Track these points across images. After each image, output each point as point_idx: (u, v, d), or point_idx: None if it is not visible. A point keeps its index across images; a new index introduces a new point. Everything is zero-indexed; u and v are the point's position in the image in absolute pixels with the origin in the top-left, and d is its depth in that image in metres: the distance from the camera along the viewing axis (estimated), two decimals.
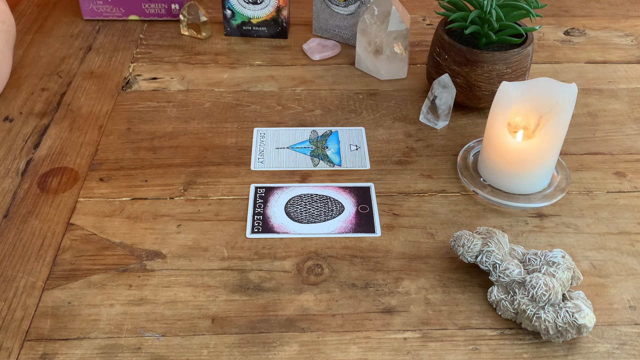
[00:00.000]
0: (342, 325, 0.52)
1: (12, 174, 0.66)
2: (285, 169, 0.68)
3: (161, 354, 0.50)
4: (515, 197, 0.63)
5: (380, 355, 0.50)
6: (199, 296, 0.54)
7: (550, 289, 0.50)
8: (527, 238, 0.60)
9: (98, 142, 0.71)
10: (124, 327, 0.52)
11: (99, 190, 0.65)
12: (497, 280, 0.53)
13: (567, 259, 0.53)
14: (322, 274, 0.57)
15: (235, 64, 0.84)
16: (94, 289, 0.55)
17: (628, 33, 0.94)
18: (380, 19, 0.77)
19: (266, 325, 0.52)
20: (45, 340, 0.51)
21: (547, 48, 0.90)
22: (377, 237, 0.60)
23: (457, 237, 0.56)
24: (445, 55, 0.72)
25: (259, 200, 0.64)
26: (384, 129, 0.74)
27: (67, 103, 0.76)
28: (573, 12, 0.99)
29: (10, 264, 0.57)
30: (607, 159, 0.70)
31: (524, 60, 0.71)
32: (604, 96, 0.80)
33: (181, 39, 0.89)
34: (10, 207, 0.62)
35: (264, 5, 0.87)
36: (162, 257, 0.58)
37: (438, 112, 0.72)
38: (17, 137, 0.71)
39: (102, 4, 0.91)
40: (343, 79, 0.82)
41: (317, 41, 0.87)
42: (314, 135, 0.72)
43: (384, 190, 0.65)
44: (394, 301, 0.54)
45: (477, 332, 0.52)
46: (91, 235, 0.60)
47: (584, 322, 0.49)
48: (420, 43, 0.90)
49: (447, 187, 0.66)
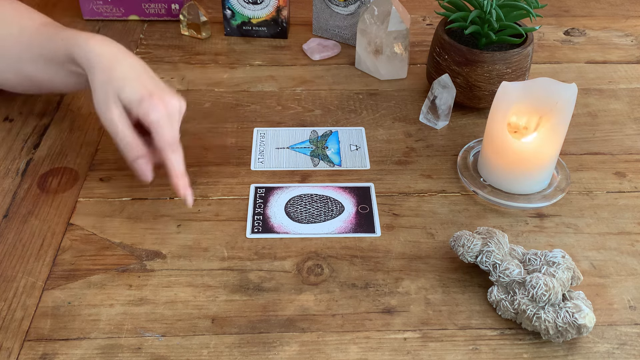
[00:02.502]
0: (342, 325, 0.52)
1: (12, 174, 0.66)
2: (285, 169, 0.68)
3: (161, 354, 0.50)
4: (515, 197, 0.63)
5: (380, 355, 0.50)
6: (199, 296, 0.54)
7: (550, 289, 0.50)
8: (527, 238, 0.60)
9: (98, 142, 0.71)
10: (124, 327, 0.52)
11: (99, 190, 0.65)
12: (497, 280, 0.53)
13: (567, 259, 0.53)
14: (322, 274, 0.57)
15: (235, 64, 0.84)
16: (94, 289, 0.55)
17: (628, 33, 0.94)
18: (380, 19, 0.77)
19: (266, 325, 0.52)
20: (45, 340, 0.51)
21: (547, 48, 0.90)
22: (377, 237, 0.60)
23: (457, 237, 0.56)
24: (445, 55, 0.72)
25: (259, 200, 0.64)
26: (384, 129, 0.74)
27: (67, 103, 0.76)
28: (573, 12, 0.99)
29: (10, 264, 0.57)
30: (607, 159, 0.70)
31: (524, 60, 0.71)
32: (604, 96, 0.80)
33: (181, 39, 0.89)
34: (10, 207, 0.62)
35: (264, 5, 0.87)
36: (162, 257, 0.58)
37: (438, 112, 0.72)
38: (17, 137, 0.71)
39: (102, 4, 0.91)
40: (343, 79, 0.82)
41: (317, 41, 0.87)
42: (314, 135, 0.72)
43: (384, 190, 0.65)
44: (394, 301, 0.54)
45: (477, 332, 0.52)
46: (91, 235, 0.60)
47: (584, 322, 0.49)
48: (420, 43, 0.90)
49: (447, 187, 0.66)
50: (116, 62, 0.59)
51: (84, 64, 0.59)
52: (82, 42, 0.60)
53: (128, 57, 0.60)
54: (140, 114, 0.57)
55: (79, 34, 0.62)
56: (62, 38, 0.62)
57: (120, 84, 0.57)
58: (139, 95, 0.57)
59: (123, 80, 0.58)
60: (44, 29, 0.64)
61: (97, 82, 0.58)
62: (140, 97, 0.57)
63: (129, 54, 0.61)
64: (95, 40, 0.60)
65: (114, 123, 0.58)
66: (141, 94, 0.57)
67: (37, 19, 0.66)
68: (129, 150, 0.58)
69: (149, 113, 0.57)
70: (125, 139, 0.58)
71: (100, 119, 0.59)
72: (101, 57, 0.59)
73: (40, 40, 0.63)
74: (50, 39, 0.63)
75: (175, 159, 0.59)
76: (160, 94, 0.58)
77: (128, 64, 0.59)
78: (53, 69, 0.63)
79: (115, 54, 0.60)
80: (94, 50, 0.59)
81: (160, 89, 0.59)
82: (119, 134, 0.58)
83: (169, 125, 0.58)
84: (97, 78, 0.58)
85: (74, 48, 0.60)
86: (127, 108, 0.58)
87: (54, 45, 0.62)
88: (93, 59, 0.59)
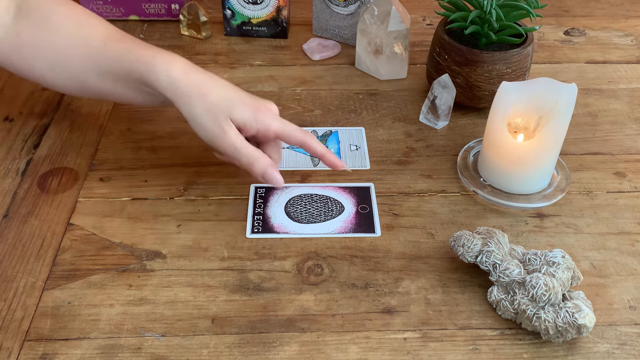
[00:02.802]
0: (342, 325, 0.52)
1: (12, 174, 0.66)
2: (285, 169, 0.68)
3: (161, 354, 0.50)
4: (515, 197, 0.63)
5: (380, 355, 0.50)
6: (199, 296, 0.54)
7: (550, 289, 0.50)
8: (527, 238, 0.60)
9: (98, 142, 0.71)
10: (124, 327, 0.52)
11: (99, 190, 0.65)
12: (497, 280, 0.53)
13: (567, 259, 0.53)
14: (322, 274, 0.57)
15: (235, 64, 0.84)
16: (94, 289, 0.55)
17: (628, 33, 0.94)
18: (380, 19, 0.77)
19: (266, 325, 0.52)
20: (45, 340, 0.51)
21: (547, 48, 0.90)
22: (377, 237, 0.60)
23: (457, 237, 0.56)
24: (445, 55, 0.72)
25: (259, 200, 0.64)
26: (384, 129, 0.74)
27: (67, 103, 0.76)
28: (573, 12, 0.99)
29: (10, 264, 0.57)
30: (607, 159, 0.70)
31: (524, 60, 0.71)
32: (604, 96, 0.80)
33: (181, 39, 0.89)
34: (10, 207, 0.62)
35: (264, 5, 0.87)
36: (162, 257, 0.58)
37: (438, 112, 0.72)
38: (17, 137, 0.71)
39: (102, 4, 0.91)
40: (343, 79, 0.82)
41: (317, 41, 0.87)
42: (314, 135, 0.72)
43: (384, 190, 0.65)
44: (394, 301, 0.54)
45: (477, 332, 0.52)
46: (91, 235, 0.60)
47: (584, 322, 0.49)
48: (420, 43, 0.90)
49: (447, 187, 0.66)
50: (208, 88, 0.58)
51: (169, 94, 0.58)
52: (163, 70, 0.58)
53: (215, 79, 0.60)
54: (261, 128, 0.59)
55: (153, 56, 0.59)
56: (135, 59, 0.59)
57: (226, 105, 0.58)
58: (250, 111, 0.58)
59: (226, 102, 0.58)
60: (112, 44, 0.61)
61: (198, 112, 0.58)
62: (251, 113, 0.58)
63: (212, 75, 0.60)
64: (178, 68, 0.59)
65: (235, 143, 0.58)
66: (251, 110, 0.58)
67: (99, 27, 0.63)
68: (257, 163, 0.59)
69: (270, 123, 0.59)
70: (250, 153, 0.58)
71: (215, 145, 0.59)
72: (191, 87, 0.58)
73: (108, 57, 0.61)
74: (121, 58, 0.60)
75: (317, 142, 0.61)
76: (260, 103, 0.60)
77: (220, 85, 0.59)
78: (122, 86, 0.62)
79: (201, 79, 0.59)
80: (180, 79, 0.58)
81: (256, 99, 0.60)
82: (242, 151, 0.58)
83: (287, 123, 0.60)
84: (196, 108, 0.58)
85: (151, 75, 0.59)
86: (240, 127, 0.58)
87: (126, 65, 0.60)
88: (182, 89, 0.58)
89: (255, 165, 0.58)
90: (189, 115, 0.58)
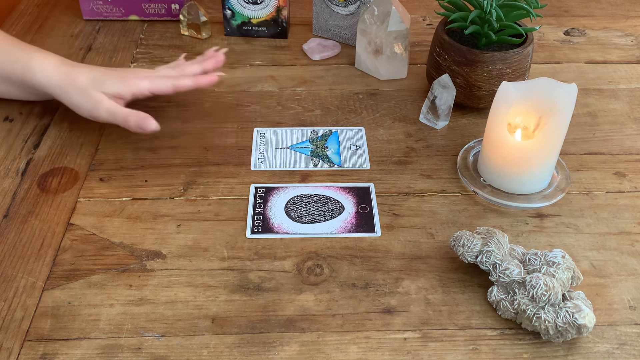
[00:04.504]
0: (342, 325, 0.53)
1: (12, 174, 0.66)
2: (285, 169, 0.68)
3: (161, 354, 0.50)
4: (515, 197, 0.63)
5: (380, 355, 0.50)
6: (199, 296, 0.54)
7: (550, 289, 0.50)
8: (527, 238, 0.60)
9: (98, 142, 0.71)
10: (124, 327, 0.52)
11: (99, 190, 0.65)
12: (497, 280, 0.53)
13: (567, 259, 0.53)
14: (322, 274, 0.57)
15: (235, 64, 0.84)
16: (94, 289, 0.55)
17: (628, 33, 0.94)
18: (380, 19, 0.77)
19: (266, 325, 0.52)
20: (45, 340, 0.51)
21: (547, 48, 0.90)
22: (377, 237, 0.60)
23: (457, 237, 0.56)
24: (445, 55, 0.72)
25: (259, 200, 0.64)
26: (384, 129, 0.74)
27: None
28: (573, 12, 1.00)
29: (10, 264, 0.57)
30: (607, 159, 0.70)
31: (524, 60, 0.71)
32: (604, 96, 0.80)
33: (181, 39, 0.89)
34: (10, 207, 0.62)
35: (264, 5, 0.87)
36: (162, 257, 0.58)
37: (438, 112, 0.72)
38: (17, 137, 0.71)
39: (102, 4, 0.91)
40: (343, 79, 0.82)
41: (317, 41, 0.87)
42: (314, 135, 0.72)
43: (384, 190, 0.65)
44: (394, 301, 0.54)
45: (477, 332, 0.52)
46: (91, 235, 0.60)
47: (584, 322, 0.49)
48: (420, 43, 0.90)
49: (447, 187, 0.66)
50: (76, 75, 0.66)
51: (48, 89, 0.67)
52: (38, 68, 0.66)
53: (82, 67, 0.67)
54: (135, 91, 0.66)
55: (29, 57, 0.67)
56: (14, 60, 0.67)
57: (94, 84, 0.65)
58: (118, 80, 0.66)
59: (94, 81, 0.65)
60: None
61: (73, 96, 0.66)
62: (120, 81, 0.66)
63: (81, 64, 0.68)
64: (51, 65, 0.66)
65: (109, 108, 0.65)
66: (119, 79, 0.66)
67: None
68: (130, 117, 0.65)
69: (139, 85, 0.67)
70: (123, 112, 0.65)
71: (95, 115, 0.66)
72: (62, 78, 0.66)
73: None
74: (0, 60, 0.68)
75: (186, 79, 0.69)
76: (127, 72, 0.68)
77: (86, 70, 0.67)
78: (6, 85, 0.70)
79: (70, 70, 0.66)
80: (52, 74, 0.66)
81: (124, 70, 0.68)
82: (116, 112, 0.65)
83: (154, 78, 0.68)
84: (70, 94, 0.66)
85: (29, 74, 0.67)
86: (116, 97, 0.66)
87: (7, 67, 0.68)
88: (56, 82, 0.66)
89: (129, 120, 0.65)
90: (68, 102, 0.66)
